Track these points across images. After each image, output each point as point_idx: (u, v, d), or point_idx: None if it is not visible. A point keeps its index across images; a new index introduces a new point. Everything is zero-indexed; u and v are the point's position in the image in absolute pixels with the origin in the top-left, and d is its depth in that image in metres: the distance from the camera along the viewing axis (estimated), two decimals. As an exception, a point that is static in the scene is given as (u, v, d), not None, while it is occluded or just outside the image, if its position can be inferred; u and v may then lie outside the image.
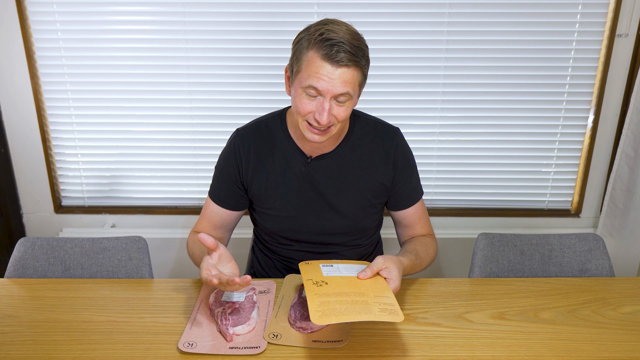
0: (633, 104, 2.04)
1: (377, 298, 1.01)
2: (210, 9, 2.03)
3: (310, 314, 0.95)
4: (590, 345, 1.05)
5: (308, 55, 1.10)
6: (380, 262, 1.10)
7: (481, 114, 2.16)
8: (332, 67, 1.08)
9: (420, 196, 1.38)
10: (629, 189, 2.13)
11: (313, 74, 1.09)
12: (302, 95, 1.13)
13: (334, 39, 1.07)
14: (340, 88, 1.10)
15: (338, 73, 1.08)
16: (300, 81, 1.12)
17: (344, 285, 1.06)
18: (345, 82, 1.10)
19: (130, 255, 1.40)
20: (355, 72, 1.11)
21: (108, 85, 2.13)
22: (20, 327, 1.10)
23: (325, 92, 1.10)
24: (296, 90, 1.14)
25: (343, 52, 1.07)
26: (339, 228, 1.32)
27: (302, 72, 1.11)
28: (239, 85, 2.13)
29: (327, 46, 1.07)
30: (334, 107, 1.13)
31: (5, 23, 2.04)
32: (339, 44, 1.07)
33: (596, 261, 1.43)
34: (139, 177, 2.27)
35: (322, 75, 1.08)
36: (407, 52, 2.08)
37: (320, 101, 1.12)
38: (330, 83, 1.09)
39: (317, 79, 1.09)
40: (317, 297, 1.00)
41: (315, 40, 1.08)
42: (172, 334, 1.07)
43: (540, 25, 2.04)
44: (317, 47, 1.08)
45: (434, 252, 1.35)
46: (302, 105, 1.13)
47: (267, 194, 1.30)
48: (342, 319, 0.94)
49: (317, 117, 1.12)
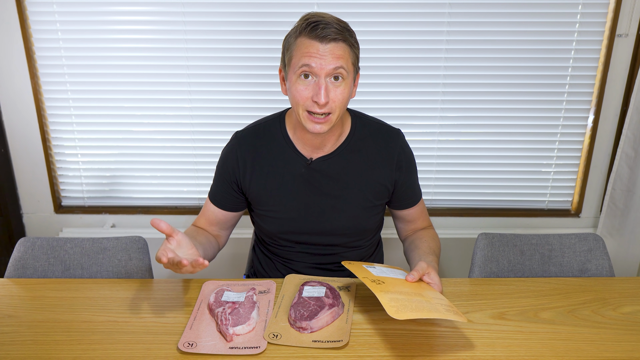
0: (633, 104, 2.04)
1: (435, 299, 1.04)
2: (210, 9, 2.03)
3: (386, 309, 0.96)
4: (590, 345, 1.05)
5: (297, 42, 1.13)
6: (424, 267, 1.13)
7: (481, 114, 2.16)
8: (321, 44, 1.11)
9: (421, 195, 1.40)
10: (629, 189, 2.13)
11: (304, 54, 1.11)
12: (298, 82, 1.14)
13: (320, 20, 1.11)
14: (332, 62, 1.11)
15: (328, 48, 1.11)
16: (293, 68, 1.14)
17: (400, 285, 1.08)
18: (337, 57, 1.11)
19: (130, 255, 1.40)
20: (345, 47, 1.13)
21: (108, 85, 2.13)
22: (20, 327, 1.10)
23: (319, 69, 1.11)
24: (291, 80, 1.16)
25: (329, 28, 1.10)
26: (339, 229, 1.32)
27: (293, 59, 1.14)
28: (239, 85, 2.13)
29: (313, 27, 1.10)
30: (330, 88, 1.13)
31: (5, 23, 2.04)
32: (324, 22, 1.10)
33: (596, 261, 1.43)
34: (139, 177, 2.27)
35: (312, 53, 1.11)
36: (407, 52, 2.08)
37: (315, 81, 1.13)
38: (322, 59, 1.10)
39: (309, 57, 1.11)
40: (384, 294, 1.01)
41: (302, 27, 1.12)
42: (172, 334, 1.07)
43: (540, 25, 2.05)
44: (305, 32, 1.12)
45: (440, 243, 1.39)
46: (299, 93, 1.14)
47: (267, 196, 1.30)
48: (418, 314, 0.96)
49: (316, 99, 1.12)
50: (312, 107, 1.14)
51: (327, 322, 1.09)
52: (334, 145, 1.28)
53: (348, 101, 1.18)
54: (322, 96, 1.11)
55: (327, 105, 1.13)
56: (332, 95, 1.13)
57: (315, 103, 1.13)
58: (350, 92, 1.18)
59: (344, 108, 1.18)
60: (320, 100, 1.11)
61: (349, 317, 1.12)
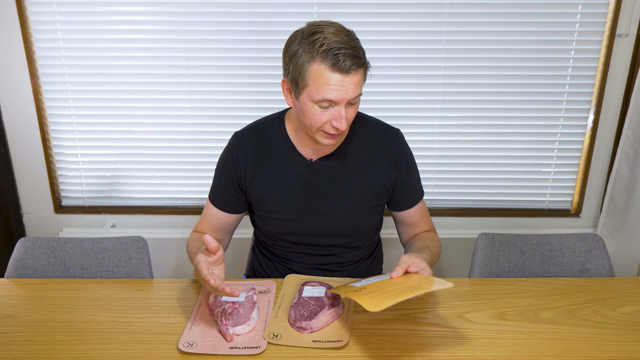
0: (633, 104, 2.04)
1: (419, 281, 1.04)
2: (210, 9, 2.03)
3: (365, 306, 0.95)
4: (590, 345, 1.05)
5: (312, 68, 1.08)
6: (406, 259, 1.10)
7: (481, 114, 2.16)
8: (342, 76, 1.07)
9: (422, 196, 1.39)
10: (629, 189, 2.13)
11: (325, 87, 1.08)
12: (314, 108, 1.12)
13: (336, 47, 1.06)
14: (353, 92, 1.10)
15: (349, 79, 1.08)
16: (310, 95, 1.11)
17: (382, 283, 1.06)
18: (357, 85, 1.11)
19: (130, 255, 1.40)
20: (362, 71, 1.12)
21: (108, 85, 2.13)
22: (20, 327, 1.10)
23: (341, 101, 1.10)
24: (306, 105, 1.13)
25: (349, 58, 1.06)
26: (339, 230, 1.32)
27: (310, 87, 1.10)
28: (239, 85, 2.13)
29: (332, 56, 1.06)
30: (347, 111, 1.13)
31: (5, 23, 2.04)
32: (342, 51, 1.06)
33: (596, 261, 1.43)
34: (139, 177, 2.27)
35: (334, 87, 1.08)
36: (407, 52, 2.08)
37: (335, 109, 1.12)
38: (343, 91, 1.09)
39: (331, 92, 1.08)
40: (364, 296, 1.00)
41: (317, 52, 1.07)
42: (172, 334, 1.07)
43: (540, 25, 2.04)
44: (321, 58, 1.07)
45: (440, 245, 1.37)
46: (316, 118, 1.13)
47: (266, 197, 1.30)
48: (397, 299, 0.95)
49: (337, 125, 1.12)
50: (330, 130, 1.15)
51: (327, 322, 1.09)
52: (334, 145, 1.28)
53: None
54: (344, 124, 1.12)
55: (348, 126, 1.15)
56: (348, 115, 1.14)
57: (333, 127, 1.14)
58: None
59: None
60: (343, 127, 1.12)
61: (349, 317, 1.12)
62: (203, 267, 1.04)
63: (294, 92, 1.15)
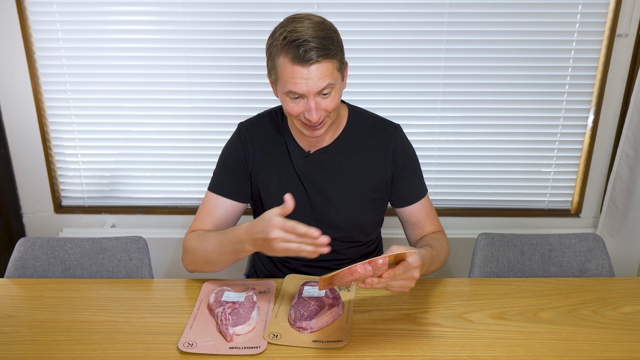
0: (633, 104, 2.04)
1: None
2: (210, 9, 2.03)
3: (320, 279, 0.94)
4: (590, 345, 1.05)
5: (279, 61, 1.10)
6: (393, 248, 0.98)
7: (481, 114, 2.16)
8: (303, 68, 1.08)
9: (425, 193, 1.37)
10: (629, 189, 2.13)
11: (289, 80, 1.09)
12: (287, 100, 1.14)
13: (298, 38, 1.07)
14: (319, 83, 1.10)
15: (312, 70, 1.08)
16: (281, 87, 1.13)
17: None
18: (323, 76, 1.10)
19: (130, 255, 1.40)
20: (329, 63, 1.10)
21: (108, 85, 2.13)
22: (20, 327, 1.10)
23: (307, 93, 1.10)
24: (281, 96, 1.16)
25: (310, 50, 1.06)
26: (337, 223, 1.31)
27: (279, 79, 1.12)
28: (239, 85, 2.13)
29: (293, 48, 1.07)
30: (320, 102, 1.13)
31: (5, 23, 2.04)
32: (303, 43, 1.06)
33: (596, 261, 1.43)
34: (139, 177, 2.27)
35: (297, 80, 1.09)
36: (407, 52, 2.08)
37: (305, 101, 1.12)
38: (308, 83, 1.09)
39: (294, 84, 1.09)
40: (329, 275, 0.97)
41: (281, 45, 1.08)
42: (172, 334, 1.07)
43: (540, 25, 2.04)
44: (285, 51, 1.08)
45: (447, 246, 1.32)
46: (290, 109, 1.15)
47: (269, 186, 1.30)
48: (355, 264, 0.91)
49: (308, 117, 1.13)
50: (305, 120, 1.15)
51: (327, 322, 1.09)
52: (331, 137, 1.29)
53: (339, 100, 1.18)
54: (314, 116, 1.12)
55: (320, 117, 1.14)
56: (323, 105, 1.13)
57: (306, 118, 1.14)
58: (340, 93, 1.18)
59: (337, 108, 1.18)
60: (313, 119, 1.12)
61: (349, 317, 1.12)
62: (296, 224, 0.99)
63: (274, 84, 1.18)
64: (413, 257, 0.98)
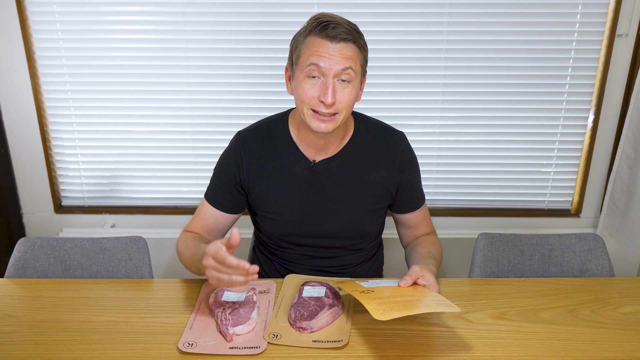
0: (633, 104, 2.04)
1: (427, 297, 1.03)
2: (210, 9, 2.03)
3: (371, 312, 0.95)
4: (590, 345, 1.05)
5: (306, 41, 1.13)
6: (417, 270, 1.10)
7: (481, 114, 2.16)
8: (331, 43, 1.10)
9: (425, 199, 1.39)
10: (629, 189, 2.13)
11: (313, 53, 1.11)
12: (305, 81, 1.14)
13: (330, 20, 1.11)
14: (341, 63, 1.11)
15: (338, 48, 1.10)
16: (301, 67, 1.14)
17: (390, 290, 1.07)
18: (346, 57, 1.11)
19: (130, 255, 1.40)
20: (355, 48, 1.13)
21: (108, 85, 2.13)
22: (20, 327, 1.10)
23: (327, 70, 1.11)
24: (297, 79, 1.16)
25: (340, 28, 1.10)
26: (341, 232, 1.31)
27: (302, 57, 1.14)
28: (240, 85, 2.13)
29: (323, 26, 1.10)
30: (337, 88, 1.13)
31: (5, 23, 2.04)
32: (335, 22, 1.10)
33: (596, 261, 1.43)
34: (139, 177, 2.27)
35: (322, 52, 1.10)
36: (407, 52, 2.08)
37: (323, 81, 1.13)
38: (331, 59, 1.10)
39: (318, 56, 1.11)
40: (372, 300, 1.00)
41: (312, 27, 1.12)
42: (172, 334, 1.07)
43: (540, 25, 2.04)
44: (315, 31, 1.12)
45: (441, 250, 1.37)
46: (305, 92, 1.14)
47: (269, 198, 1.29)
48: (404, 312, 0.95)
49: (322, 99, 1.12)
50: (318, 107, 1.14)
51: (327, 322, 1.09)
52: (337, 147, 1.28)
53: (354, 103, 1.18)
54: (329, 96, 1.11)
55: (333, 106, 1.13)
56: (339, 96, 1.13)
57: (321, 103, 1.13)
58: (357, 94, 1.18)
59: (350, 110, 1.18)
60: (327, 100, 1.11)
61: (349, 317, 1.12)
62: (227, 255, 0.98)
63: (291, 74, 1.19)
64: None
